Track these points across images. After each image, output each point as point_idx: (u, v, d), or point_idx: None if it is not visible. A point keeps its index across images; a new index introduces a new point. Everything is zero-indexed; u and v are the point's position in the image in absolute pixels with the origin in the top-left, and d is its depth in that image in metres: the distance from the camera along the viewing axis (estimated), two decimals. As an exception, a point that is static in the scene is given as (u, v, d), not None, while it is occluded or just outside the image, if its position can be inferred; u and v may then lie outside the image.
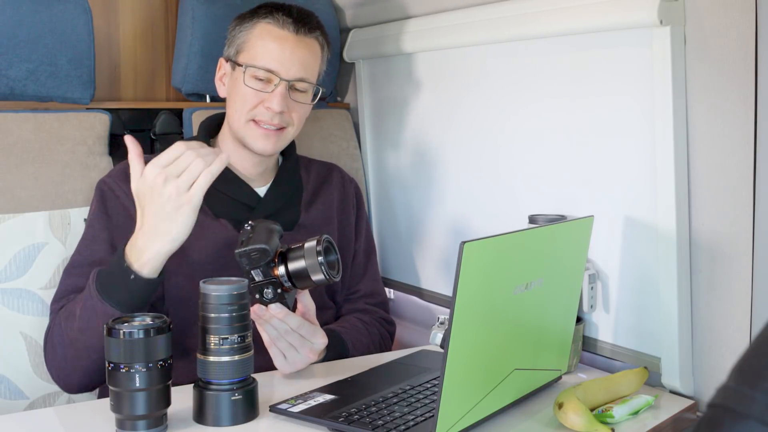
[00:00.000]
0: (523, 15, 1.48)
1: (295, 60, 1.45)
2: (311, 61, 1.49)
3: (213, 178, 1.23)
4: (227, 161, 1.25)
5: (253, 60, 1.45)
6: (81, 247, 1.45)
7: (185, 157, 1.22)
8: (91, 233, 1.45)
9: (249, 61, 1.46)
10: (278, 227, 1.26)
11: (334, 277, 1.23)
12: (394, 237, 1.96)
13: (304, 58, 1.47)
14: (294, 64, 1.45)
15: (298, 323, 1.26)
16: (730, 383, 0.57)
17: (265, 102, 1.45)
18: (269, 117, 1.45)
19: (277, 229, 1.25)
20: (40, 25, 1.58)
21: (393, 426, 1.10)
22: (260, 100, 1.45)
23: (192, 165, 1.22)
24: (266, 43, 1.45)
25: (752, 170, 1.19)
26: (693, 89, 1.25)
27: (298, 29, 1.46)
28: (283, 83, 1.44)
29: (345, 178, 1.70)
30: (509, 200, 1.62)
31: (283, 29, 1.46)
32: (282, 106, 1.44)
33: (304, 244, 1.23)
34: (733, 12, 1.18)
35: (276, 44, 1.45)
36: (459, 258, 0.95)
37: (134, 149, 1.26)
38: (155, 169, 1.22)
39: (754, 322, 1.21)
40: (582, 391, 1.19)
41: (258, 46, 1.46)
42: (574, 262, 1.27)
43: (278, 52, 1.45)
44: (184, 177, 1.22)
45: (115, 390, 1.07)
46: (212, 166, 1.23)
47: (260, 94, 1.45)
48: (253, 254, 1.20)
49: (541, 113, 1.53)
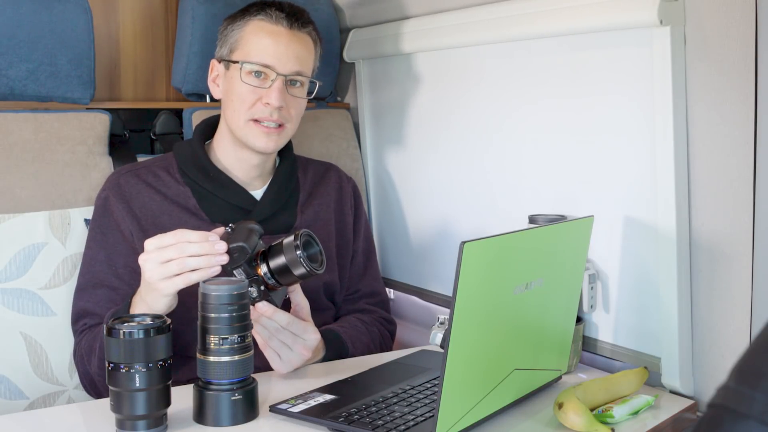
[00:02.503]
0: (523, 15, 1.48)
1: (291, 54, 1.46)
2: (306, 55, 1.49)
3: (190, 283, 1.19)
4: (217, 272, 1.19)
5: (248, 56, 1.45)
6: (83, 268, 1.49)
7: (171, 249, 1.18)
8: (90, 254, 1.48)
9: (244, 57, 1.46)
10: (258, 227, 1.26)
11: (317, 270, 1.24)
12: (394, 237, 1.96)
13: (299, 52, 1.47)
14: (290, 59, 1.45)
15: (288, 320, 1.26)
16: (730, 383, 0.57)
17: (263, 98, 1.44)
18: (268, 113, 1.45)
19: (257, 229, 1.25)
20: (40, 25, 1.58)
21: (393, 426, 1.10)
22: (258, 96, 1.45)
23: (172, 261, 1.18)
24: (260, 38, 1.45)
25: (752, 170, 1.19)
26: (693, 89, 1.25)
27: (291, 24, 1.47)
28: (280, 78, 1.44)
29: (342, 178, 1.69)
30: (509, 200, 1.62)
31: (277, 24, 1.46)
32: (281, 101, 1.44)
33: (283, 240, 1.24)
34: (733, 12, 1.18)
35: (271, 39, 1.45)
36: (459, 258, 0.95)
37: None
38: (149, 245, 1.21)
39: (754, 322, 1.21)
40: (582, 391, 1.19)
41: (252, 42, 1.46)
42: (574, 262, 1.27)
43: (273, 46, 1.45)
44: (163, 268, 1.19)
45: (115, 390, 1.07)
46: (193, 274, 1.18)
47: (258, 90, 1.45)
48: (233, 253, 1.21)
49: (541, 113, 1.53)
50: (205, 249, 1.18)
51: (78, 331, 1.46)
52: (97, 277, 1.45)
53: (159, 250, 1.19)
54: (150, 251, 1.20)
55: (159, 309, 1.23)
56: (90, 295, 1.45)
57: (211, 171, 1.51)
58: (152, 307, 1.22)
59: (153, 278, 1.19)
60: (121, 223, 1.46)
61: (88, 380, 1.45)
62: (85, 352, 1.41)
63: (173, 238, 1.19)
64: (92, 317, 1.44)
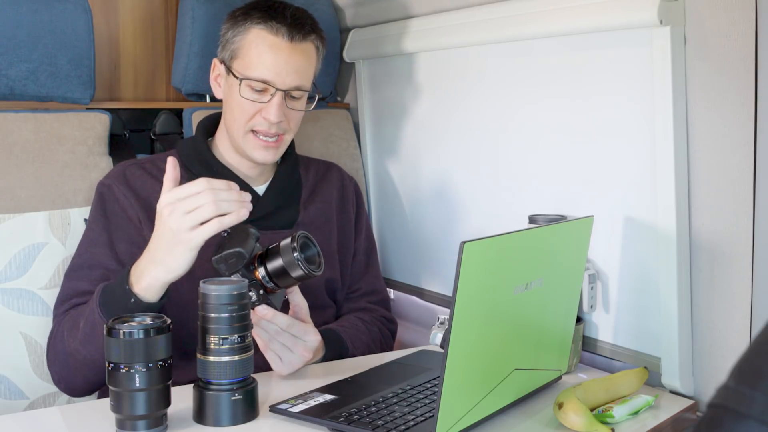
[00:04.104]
0: (523, 15, 1.48)
1: (290, 70, 1.44)
2: (306, 67, 1.48)
3: (223, 227, 1.18)
4: (246, 216, 1.19)
5: (248, 70, 1.44)
6: (81, 249, 1.45)
7: (201, 196, 1.18)
8: (90, 236, 1.45)
9: (244, 71, 1.44)
10: (254, 231, 1.24)
11: (315, 272, 1.24)
12: (394, 237, 1.96)
13: (298, 65, 1.45)
14: (289, 74, 1.44)
15: (288, 322, 1.26)
16: (730, 383, 0.57)
17: (262, 112, 1.45)
18: (267, 127, 1.45)
19: (254, 232, 1.24)
20: (40, 25, 1.58)
21: (393, 426, 1.10)
22: (257, 110, 1.45)
23: (204, 206, 1.17)
24: (260, 53, 1.44)
25: (752, 170, 1.19)
26: (693, 89, 1.25)
27: (292, 36, 1.44)
28: (279, 93, 1.44)
29: (344, 177, 1.70)
30: (509, 200, 1.62)
31: (277, 36, 1.44)
32: (279, 117, 1.44)
33: (280, 242, 1.23)
34: (733, 12, 1.18)
35: (270, 54, 1.43)
36: (459, 258, 0.95)
37: (170, 173, 1.23)
38: (168, 198, 1.20)
39: (754, 322, 1.21)
40: (582, 391, 1.19)
41: (252, 55, 1.44)
42: (574, 262, 1.27)
43: (273, 62, 1.43)
44: (191, 216, 1.18)
45: (115, 390, 1.07)
46: (226, 218, 1.18)
47: (257, 104, 1.45)
48: (230, 259, 1.20)
49: (541, 113, 1.53)
50: (234, 196, 1.18)
51: (63, 311, 1.39)
52: (96, 259, 1.42)
53: (184, 200, 1.18)
54: (172, 202, 1.18)
55: (180, 267, 1.20)
56: (86, 275, 1.40)
57: (214, 166, 1.52)
58: (172, 266, 1.20)
59: (181, 228, 1.17)
60: (128, 209, 1.44)
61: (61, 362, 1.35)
62: (68, 328, 1.34)
63: (200, 186, 1.18)
64: (84, 296, 1.38)
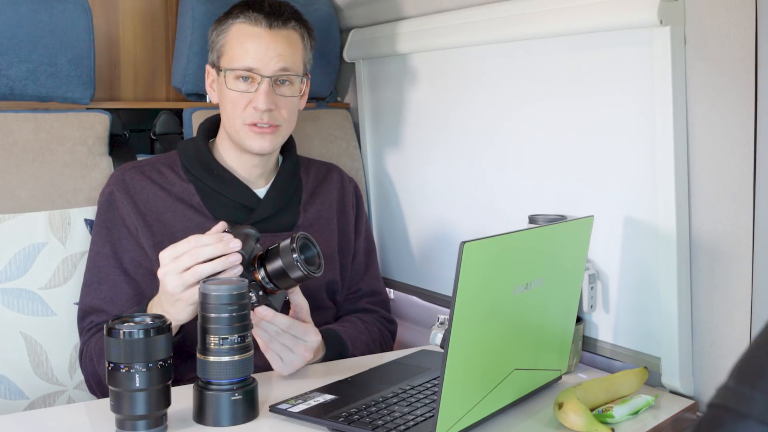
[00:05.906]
0: (523, 15, 1.48)
1: (272, 54, 1.45)
2: (290, 51, 1.48)
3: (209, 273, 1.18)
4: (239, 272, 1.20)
5: (232, 62, 1.46)
6: (89, 263, 1.49)
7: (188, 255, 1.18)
8: (95, 249, 1.48)
9: (228, 64, 1.47)
10: (254, 232, 1.25)
11: (314, 273, 1.24)
12: (394, 237, 1.96)
13: (281, 50, 1.46)
14: (272, 59, 1.45)
15: (288, 323, 1.26)
16: (730, 383, 0.57)
17: (252, 102, 1.45)
18: (258, 117, 1.45)
19: (253, 233, 1.24)
20: (40, 25, 1.58)
21: (393, 426, 1.10)
22: (248, 101, 1.46)
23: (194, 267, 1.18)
24: (242, 43, 1.46)
25: (752, 170, 1.19)
26: (693, 89, 1.25)
27: (271, 23, 1.46)
28: (265, 80, 1.45)
29: (344, 178, 1.70)
30: (509, 200, 1.62)
31: (256, 26, 1.46)
32: (268, 104, 1.44)
33: (280, 243, 1.24)
34: (733, 12, 1.18)
35: (251, 42, 1.45)
36: (459, 258, 0.95)
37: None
38: (165, 258, 1.20)
39: (754, 322, 1.21)
40: (582, 391, 1.19)
41: (235, 47, 1.46)
42: (574, 262, 1.27)
43: (254, 49, 1.45)
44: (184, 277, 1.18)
45: (115, 390, 1.07)
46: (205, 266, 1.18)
47: (246, 95, 1.45)
48: None
49: (541, 113, 1.53)
50: (219, 250, 1.19)
51: (85, 329, 1.45)
52: (102, 272, 1.45)
53: (175, 261, 1.19)
54: (166, 263, 1.20)
55: (184, 319, 1.22)
56: (95, 291, 1.45)
57: (215, 169, 1.52)
58: (177, 318, 1.21)
59: (176, 290, 1.19)
60: (126, 218, 1.46)
61: (95, 381, 1.44)
62: (96, 354, 1.40)
63: (186, 246, 1.19)
64: (98, 314, 1.44)
